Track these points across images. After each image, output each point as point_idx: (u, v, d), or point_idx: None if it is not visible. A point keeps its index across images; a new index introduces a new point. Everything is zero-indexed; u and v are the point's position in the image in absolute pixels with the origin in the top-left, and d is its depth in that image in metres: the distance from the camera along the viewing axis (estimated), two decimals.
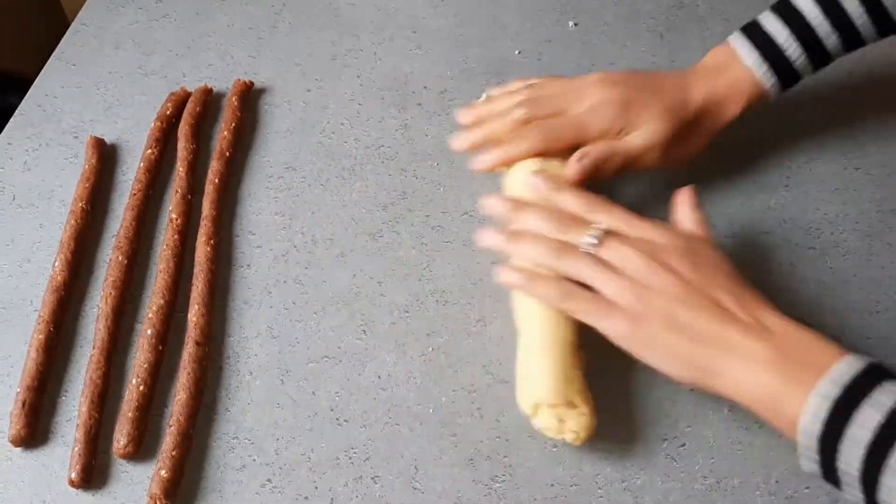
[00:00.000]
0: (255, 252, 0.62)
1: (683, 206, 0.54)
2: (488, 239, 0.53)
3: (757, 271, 0.59)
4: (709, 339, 0.46)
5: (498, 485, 0.51)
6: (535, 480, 0.51)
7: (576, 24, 0.74)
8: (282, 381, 0.56)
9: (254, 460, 0.52)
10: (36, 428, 0.53)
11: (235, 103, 0.69)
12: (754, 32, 0.60)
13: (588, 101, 0.59)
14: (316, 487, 0.51)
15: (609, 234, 0.50)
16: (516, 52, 0.74)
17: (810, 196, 0.63)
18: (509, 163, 0.58)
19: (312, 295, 0.59)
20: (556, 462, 0.52)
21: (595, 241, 0.50)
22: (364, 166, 0.67)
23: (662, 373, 0.48)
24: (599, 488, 0.51)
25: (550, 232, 0.51)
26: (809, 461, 0.44)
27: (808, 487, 0.50)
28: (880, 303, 0.58)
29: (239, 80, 0.71)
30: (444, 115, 0.69)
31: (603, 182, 0.58)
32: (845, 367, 0.43)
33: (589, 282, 0.49)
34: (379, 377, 0.55)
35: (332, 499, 0.51)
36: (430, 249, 0.61)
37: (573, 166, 0.56)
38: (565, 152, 0.58)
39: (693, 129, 0.60)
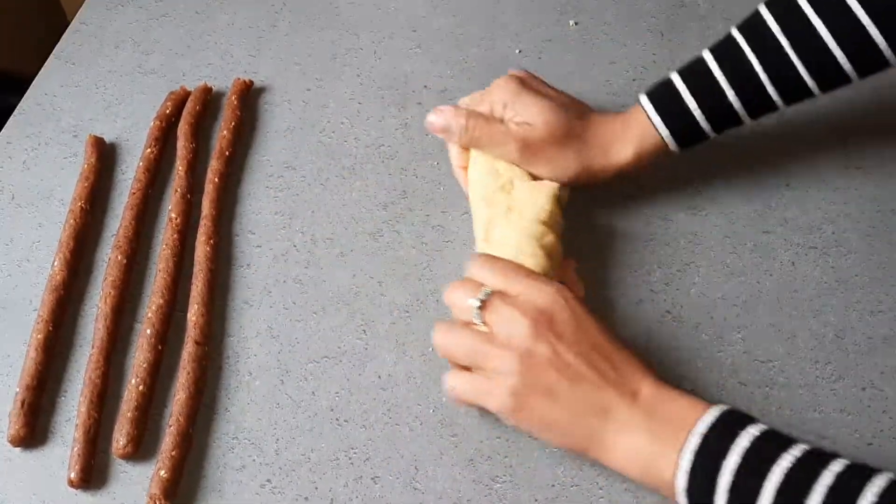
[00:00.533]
0: (254, 251, 0.62)
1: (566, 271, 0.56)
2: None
3: (758, 271, 0.59)
4: (587, 410, 0.47)
5: (498, 485, 0.51)
6: (536, 480, 0.51)
7: (576, 24, 0.74)
8: (282, 380, 0.55)
9: (253, 460, 0.52)
10: (35, 428, 0.53)
11: (235, 102, 0.69)
12: (661, 90, 0.58)
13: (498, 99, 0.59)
14: (316, 488, 0.51)
15: (493, 295, 0.50)
16: (517, 51, 0.74)
17: (811, 195, 0.63)
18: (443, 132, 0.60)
19: (312, 294, 0.59)
20: (557, 462, 0.52)
21: (479, 304, 0.50)
22: (364, 165, 0.66)
23: (546, 442, 0.49)
24: (600, 488, 0.51)
25: (446, 300, 0.52)
26: None
27: None
28: (882, 302, 0.58)
29: (238, 79, 0.71)
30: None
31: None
32: (706, 422, 0.44)
33: (472, 359, 0.50)
34: (379, 377, 0.55)
35: (332, 499, 0.51)
36: (431, 249, 0.61)
37: (430, 117, 0.60)
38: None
39: (566, 146, 0.58)
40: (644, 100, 0.59)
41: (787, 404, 0.53)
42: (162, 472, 0.50)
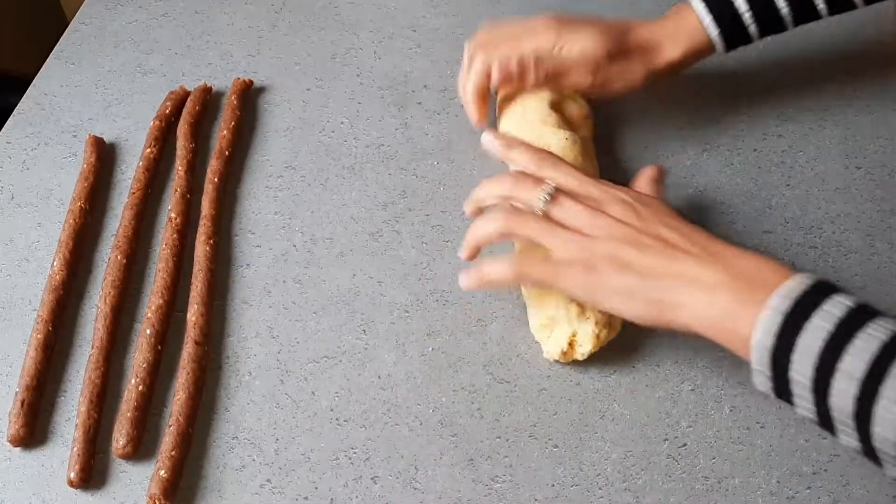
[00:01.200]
0: (254, 251, 0.62)
1: (642, 180, 0.56)
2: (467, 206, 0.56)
3: None
4: (659, 273, 0.48)
5: (498, 485, 0.51)
6: (536, 480, 0.51)
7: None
8: (281, 380, 0.55)
9: (253, 460, 0.52)
10: (35, 428, 0.53)
11: (235, 102, 0.69)
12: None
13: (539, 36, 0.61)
14: (316, 488, 0.51)
15: (558, 192, 0.51)
16: None
17: (812, 195, 0.63)
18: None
19: (312, 294, 0.59)
20: (557, 462, 0.52)
21: (545, 200, 0.51)
22: (364, 165, 0.66)
23: (620, 314, 0.49)
24: (600, 488, 0.51)
25: (505, 194, 0.53)
26: (762, 377, 0.45)
27: (809, 488, 0.50)
28: (883, 302, 0.57)
29: (238, 78, 0.71)
30: (444, 113, 0.69)
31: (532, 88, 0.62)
32: (795, 284, 0.44)
33: (538, 241, 0.51)
34: (379, 377, 0.55)
35: (331, 499, 0.51)
36: (431, 249, 0.61)
37: (495, 71, 0.61)
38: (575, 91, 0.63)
39: (629, 58, 0.61)
40: (696, 2, 0.61)
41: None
42: (162, 472, 0.50)
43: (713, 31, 0.60)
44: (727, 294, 0.45)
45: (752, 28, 0.60)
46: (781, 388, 0.44)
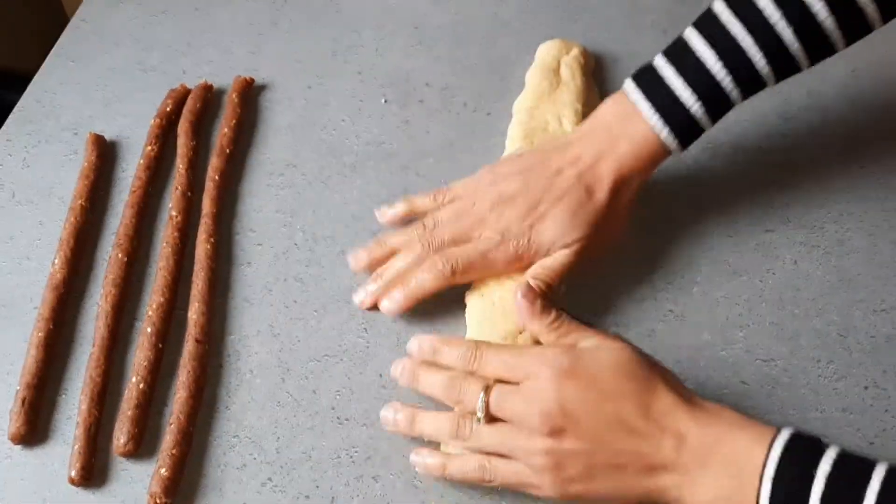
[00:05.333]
0: (255, 250, 0.62)
1: (524, 316, 0.51)
2: (391, 422, 0.52)
3: (760, 270, 0.59)
4: (634, 474, 0.45)
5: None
6: None
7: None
8: (282, 379, 0.55)
9: (254, 459, 0.52)
10: (36, 426, 0.53)
11: (236, 100, 0.69)
12: (652, 85, 0.56)
13: (490, 226, 0.56)
14: (317, 486, 0.51)
15: (493, 389, 0.48)
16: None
17: (814, 194, 0.63)
18: (419, 300, 0.56)
19: (313, 293, 0.59)
20: None
21: (482, 408, 0.47)
22: (365, 163, 0.66)
23: None
24: None
25: (444, 395, 0.50)
26: None
27: None
28: (885, 301, 0.57)
29: (239, 76, 0.71)
30: (445, 112, 0.69)
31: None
32: (775, 458, 0.42)
33: (498, 450, 0.48)
34: (380, 376, 0.55)
35: (332, 498, 0.51)
36: None
37: (519, 309, 0.51)
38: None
39: (607, 215, 0.56)
40: (645, 108, 0.56)
41: (790, 404, 0.53)
42: (162, 471, 0.50)
43: (671, 142, 0.56)
44: (715, 482, 0.43)
45: (703, 121, 0.56)
46: None
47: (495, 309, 0.55)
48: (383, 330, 0.57)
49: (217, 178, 0.64)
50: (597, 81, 0.70)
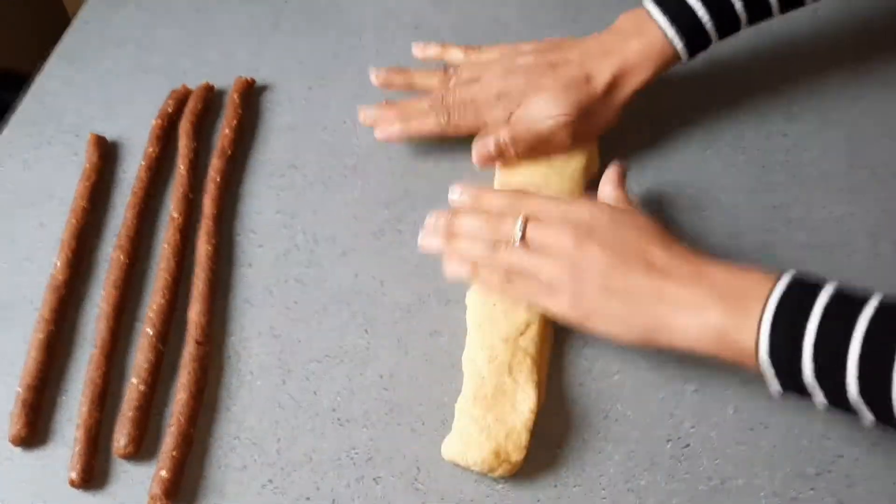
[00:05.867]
0: (256, 251, 0.62)
1: (606, 186, 0.56)
2: (431, 243, 0.56)
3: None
4: (646, 297, 0.49)
5: (501, 485, 0.51)
6: (539, 481, 0.51)
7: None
8: (283, 380, 0.55)
9: (255, 460, 0.52)
10: (36, 427, 0.53)
11: (237, 101, 0.69)
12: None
13: (495, 88, 0.62)
14: (317, 488, 0.51)
15: (531, 221, 0.52)
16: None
17: (816, 195, 0.63)
18: (405, 136, 0.64)
19: (314, 294, 0.59)
20: (560, 463, 0.51)
21: (520, 231, 0.52)
22: (366, 165, 0.66)
23: (613, 340, 0.50)
24: (603, 489, 0.50)
25: (482, 232, 0.54)
26: (776, 387, 0.46)
27: (812, 489, 0.50)
28: None
29: (240, 77, 0.71)
30: None
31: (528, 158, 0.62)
32: (780, 291, 0.45)
33: (525, 268, 0.52)
34: (381, 377, 0.55)
35: (333, 499, 0.51)
36: None
37: (473, 153, 0.61)
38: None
39: (600, 102, 0.61)
40: (656, 13, 0.60)
41: (791, 405, 0.53)
42: (163, 472, 0.50)
43: (678, 44, 0.60)
44: (718, 316, 0.47)
45: (711, 32, 0.60)
46: (798, 391, 0.46)
47: (496, 310, 0.55)
48: (384, 331, 0.57)
49: (218, 179, 0.64)
50: None
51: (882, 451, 0.51)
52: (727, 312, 0.46)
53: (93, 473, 0.51)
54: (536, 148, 0.61)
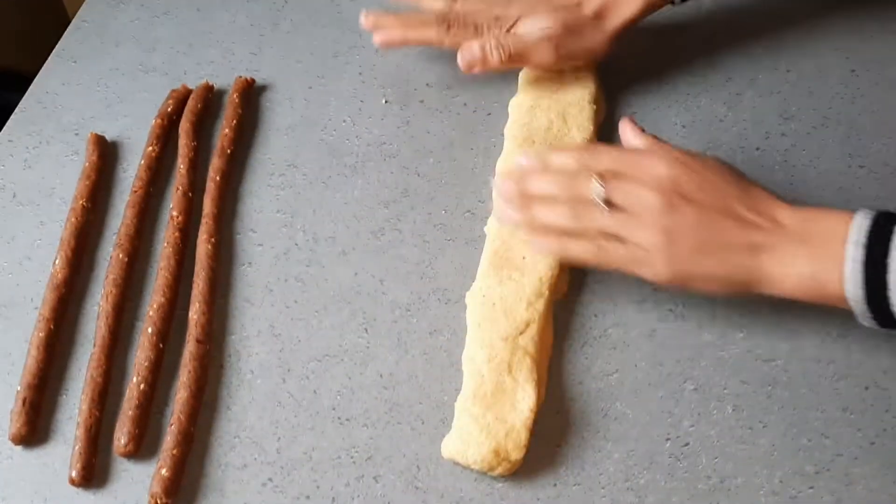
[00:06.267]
0: (256, 250, 0.62)
1: (632, 139, 0.56)
2: (511, 215, 0.55)
3: None
4: (740, 253, 0.50)
5: (500, 484, 0.51)
6: (538, 480, 0.51)
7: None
8: (283, 379, 0.55)
9: (255, 459, 0.52)
10: (37, 426, 0.53)
11: (237, 100, 0.69)
12: None
13: (494, 10, 0.65)
14: (317, 486, 0.51)
15: (607, 180, 0.52)
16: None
17: (814, 194, 0.63)
18: (404, 42, 0.67)
19: (314, 293, 0.59)
20: (559, 461, 0.51)
21: (601, 189, 0.52)
22: (366, 164, 0.66)
23: (711, 295, 0.53)
24: (602, 488, 0.51)
25: (560, 191, 0.53)
26: (868, 321, 0.48)
27: (811, 487, 0.50)
28: None
29: (240, 76, 0.71)
30: (446, 112, 0.69)
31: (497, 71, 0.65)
32: (860, 226, 0.47)
33: (616, 233, 0.52)
34: (381, 376, 0.55)
35: (333, 498, 0.51)
36: (433, 247, 0.61)
37: (458, 57, 0.64)
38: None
39: (587, 27, 0.64)
40: None
41: (790, 403, 0.53)
42: (163, 471, 0.50)
43: None
44: (805, 259, 0.48)
45: None
46: (889, 323, 0.48)
47: (496, 309, 0.55)
48: (384, 330, 0.57)
49: (218, 178, 0.64)
50: None
51: (881, 449, 0.51)
52: (813, 258, 0.48)
53: (93, 472, 0.51)
54: (521, 57, 0.64)
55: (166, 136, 0.67)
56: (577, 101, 0.65)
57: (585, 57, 0.65)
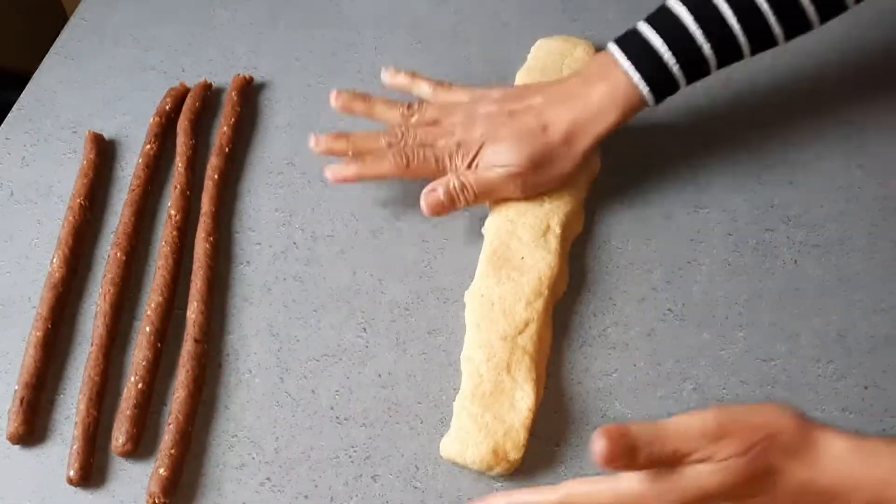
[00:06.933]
0: (254, 249, 0.62)
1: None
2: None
3: (760, 269, 0.59)
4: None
5: (499, 484, 0.51)
6: (538, 480, 0.51)
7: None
8: (281, 378, 0.55)
9: (253, 458, 0.52)
10: (34, 426, 0.53)
11: (235, 98, 0.69)
12: (631, 40, 0.59)
13: (455, 136, 0.60)
14: (315, 486, 0.51)
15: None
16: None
17: (814, 193, 0.63)
18: (359, 180, 0.61)
19: (312, 292, 0.59)
20: (559, 461, 0.51)
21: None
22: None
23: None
24: None
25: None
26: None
27: None
28: (885, 301, 0.57)
29: (238, 75, 0.71)
30: None
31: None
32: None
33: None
34: (379, 375, 0.55)
35: (331, 497, 0.51)
36: (431, 247, 0.61)
37: (422, 202, 0.59)
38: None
39: (558, 154, 0.59)
40: (621, 58, 0.58)
41: (789, 403, 0.53)
42: (161, 471, 0.50)
43: (644, 89, 0.58)
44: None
45: (679, 76, 0.58)
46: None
47: (494, 309, 0.55)
48: (382, 329, 0.57)
49: (216, 176, 0.64)
50: None
51: None
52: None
53: (91, 471, 0.51)
54: (487, 196, 0.59)
55: (164, 134, 0.67)
56: None
57: (556, 184, 0.59)
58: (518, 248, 0.57)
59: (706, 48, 0.57)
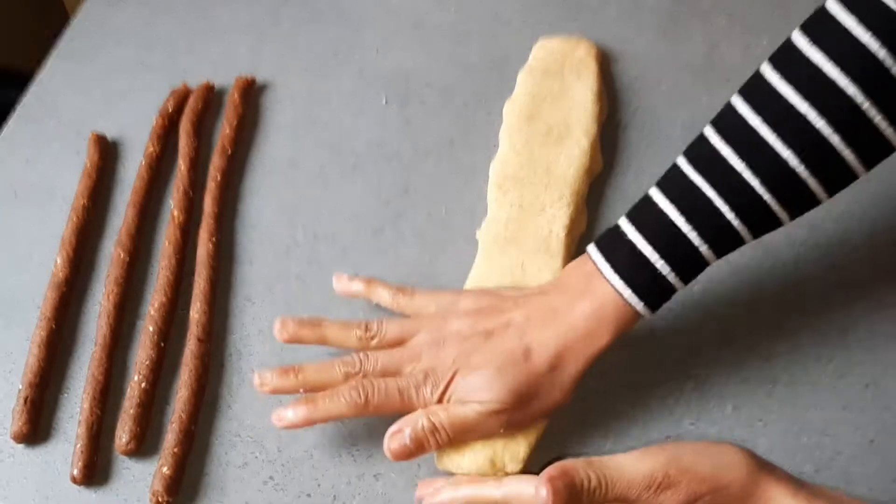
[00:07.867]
0: (257, 248, 0.62)
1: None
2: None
3: (760, 269, 0.59)
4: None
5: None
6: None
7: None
8: None
9: (256, 457, 0.52)
10: (38, 424, 0.53)
11: (237, 99, 0.69)
12: (614, 242, 0.51)
13: (422, 363, 0.51)
14: (318, 485, 0.51)
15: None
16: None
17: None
18: (311, 424, 0.51)
19: (315, 292, 0.59)
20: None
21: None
22: (366, 162, 0.66)
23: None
24: None
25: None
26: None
27: None
28: (885, 300, 0.57)
29: (240, 76, 0.71)
30: (446, 111, 0.69)
31: None
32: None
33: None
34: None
35: (334, 496, 0.51)
36: (433, 246, 0.61)
37: (385, 445, 0.49)
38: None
39: (544, 384, 0.50)
40: (605, 268, 0.50)
41: (790, 402, 0.53)
42: (164, 469, 0.50)
43: (637, 304, 0.50)
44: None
45: (675, 282, 0.50)
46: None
47: None
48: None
49: (218, 177, 0.64)
50: None
51: (881, 448, 0.51)
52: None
53: (94, 470, 0.51)
54: (463, 437, 0.50)
55: (167, 135, 0.67)
56: (581, 101, 0.65)
57: (546, 414, 0.51)
58: (518, 254, 0.57)
59: (704, 248, 0.49)
